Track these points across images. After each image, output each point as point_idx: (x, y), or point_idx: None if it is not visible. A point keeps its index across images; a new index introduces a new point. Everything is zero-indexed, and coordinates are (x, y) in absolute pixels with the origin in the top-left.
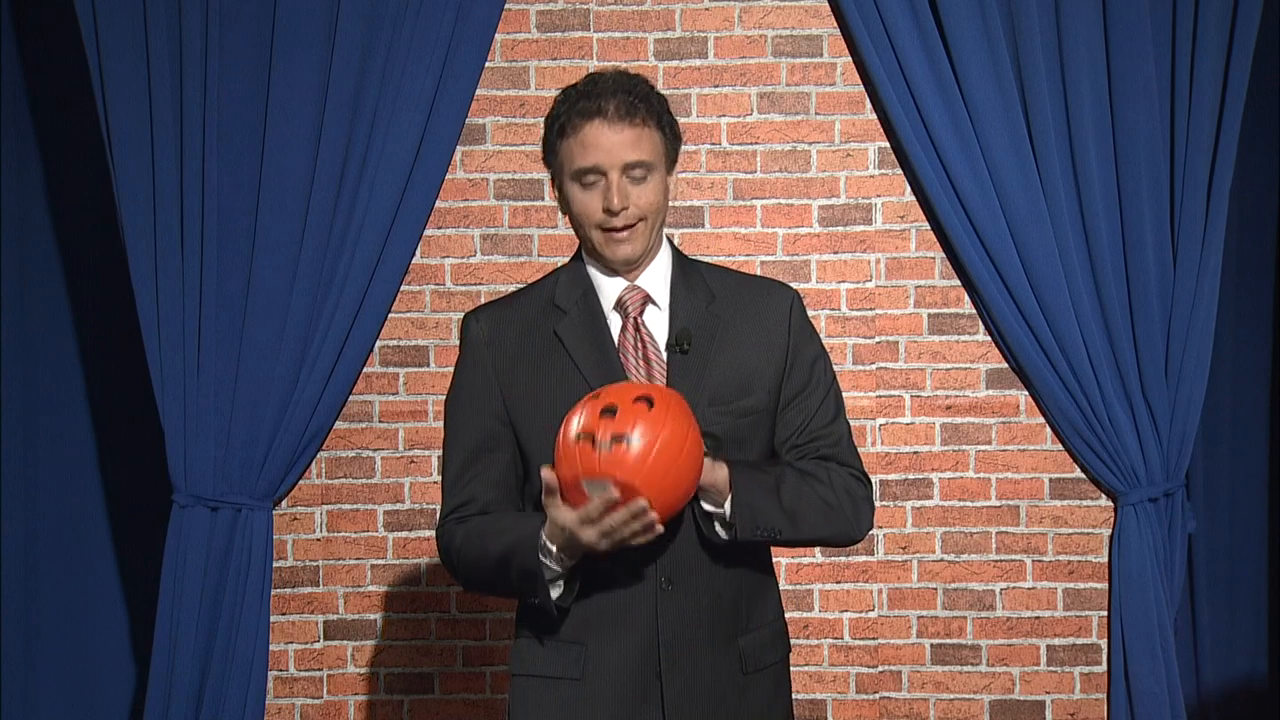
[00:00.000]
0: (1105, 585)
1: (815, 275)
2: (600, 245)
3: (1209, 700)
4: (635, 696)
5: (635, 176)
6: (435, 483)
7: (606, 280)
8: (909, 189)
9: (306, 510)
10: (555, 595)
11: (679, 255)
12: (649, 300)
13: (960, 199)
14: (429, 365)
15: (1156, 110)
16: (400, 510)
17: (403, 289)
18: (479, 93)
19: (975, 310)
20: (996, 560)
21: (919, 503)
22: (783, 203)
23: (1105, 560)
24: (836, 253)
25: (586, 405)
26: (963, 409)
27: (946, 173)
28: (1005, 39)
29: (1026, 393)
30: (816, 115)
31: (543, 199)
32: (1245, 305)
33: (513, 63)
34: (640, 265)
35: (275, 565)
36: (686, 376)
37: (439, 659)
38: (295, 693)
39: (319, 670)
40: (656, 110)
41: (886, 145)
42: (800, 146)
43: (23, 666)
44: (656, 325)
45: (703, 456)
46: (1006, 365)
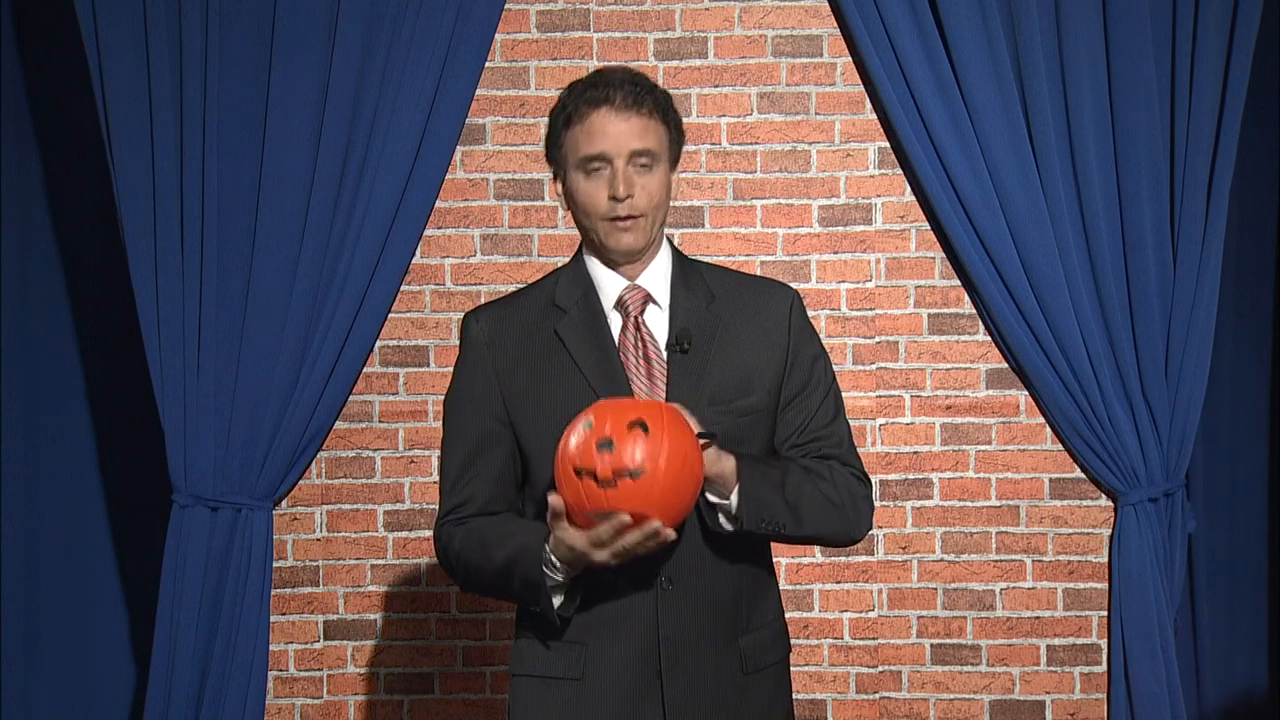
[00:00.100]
0: (1105, 585)
1: (815, 275)
2: (604, 236)
3: (1208, 700)
4: (635, 696)
5: (641, 165)
6: (435, 483)
7: (607, 279)
8: (909, 189)
9: (306, 510)
10: (557, 604)
11: (679, 255)
12: (649, 299)
13: (960, 199)
14: (429, 365)
15: (1156, 110)
16: (400, 510)
17: (403, 289)
18: (479, 93)
19: (975, 310)
20: (996, 560)
21: (919, 503)
22: (783, 203)
23: (1105, 560)
24: (836, 253)
25: (582, 438)
26: (963, 409)
27: (946, 173)
28: (1005, 39)
29: (1026, 393)
30: (816, 115)
31: (543, 199)
32: (1245, 305)
33: (513, 63)
34: (641, 262)
35: (275, 565)
36: (686, 376)
37: (439, 659)
38: (295, 693)
39: (319, 670)
40: (662, 105)
41: (886, 145)
42: (800, 146)
43: (23, 666)
44: (657, 325)
45: (703, 459)
46: (1006, 365)
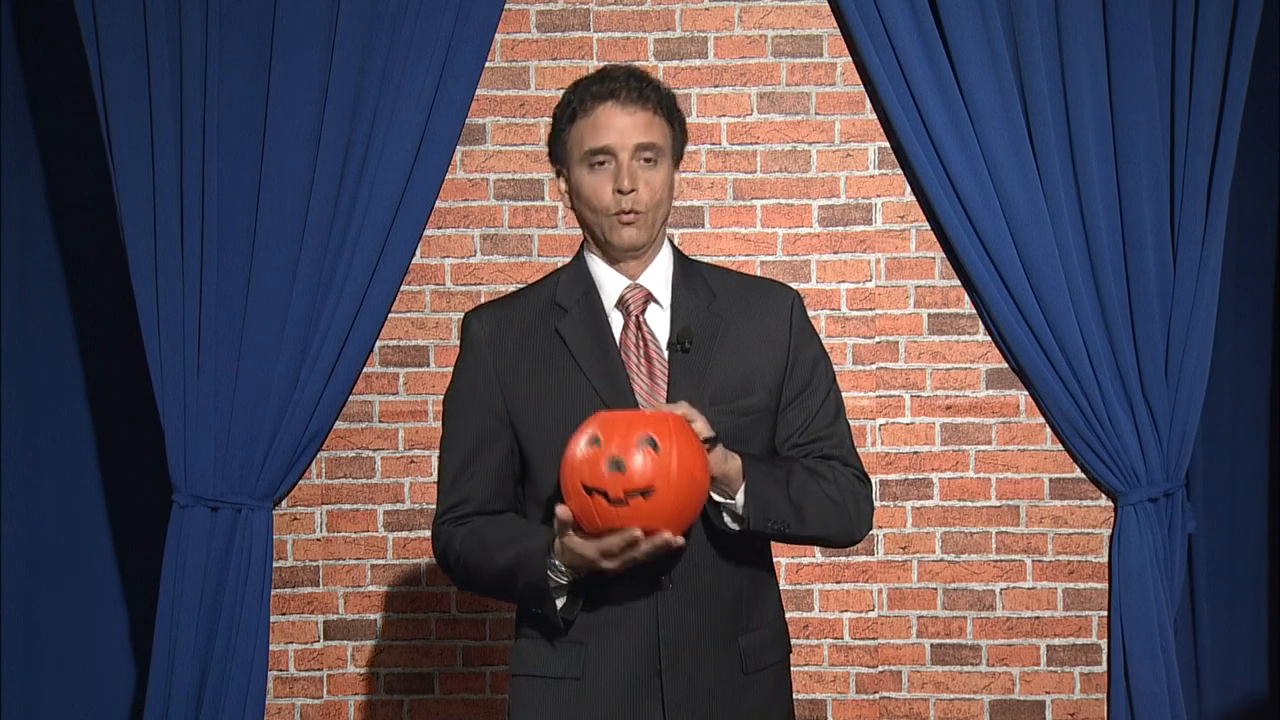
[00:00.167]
0: (1105, 585)
1: (815, 275)
2: (607, 231)
3: (1208, 700)
4: (636, 696)
5: (645, 160)
6: (435, 483)
7: (609, 279)
8: (909, 189)
9: (306, 510)
10: (560, 606)
11: (680, 255)
12: (651, 299)
13: (960, 199)
14: (429, 365)
15: (1156, 110)
16: (400, 510)
17: (403, 289)
18: (479, 93)
19: (975, 310)
20: (996, 560)
21: (919, 503)
22: (783, 203)
23: (1105, 560)
24: (836, 253)
25: (591, 455)
26: (963, 409)
27: (946, 173)
28: (1005, 39)
29: (1026, 393)
30: (816, 115)
31: (543, 199)
32: (1245, 305)
33: (513, 63)
34: (643, 261)
35: (275, 565)
36: (688, 375)
37: (439, 659)
38: (295, 693)
39: (319, 670)
40: (667, 102)
41: (886, 145)
42: (800, 146)
43: (23, 666)
44: (658, 324)
45: (709, 464)
46: (1006, 365)
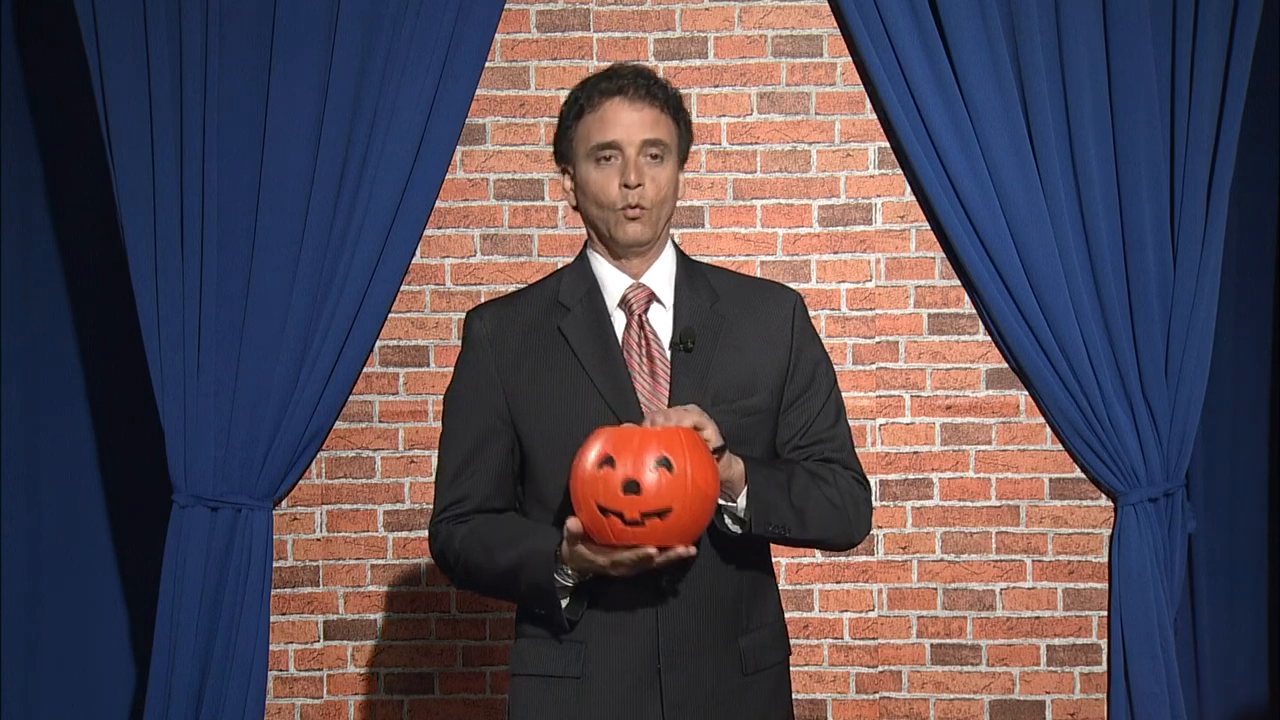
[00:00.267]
0: (1105, 585)
1: (815, 275)
2: (612, 226)
3: (1208, 700)
4: (636, 696)
5: (652, 156)
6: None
7: (611, 278)
8: (909, 189)
9: (306, 510)
10: (564, 607)
11: (683, 256)
12: (654, 298)
13: (960, 199)
14: (429, 365)
15: (1156, 110)
16: (400, 510)
17: (403, 289)
18: (479, 93)
19: (975, 310)
20: (996, 560)
21: (919, 503)
22: (783, 203)
23: (1105, 560)
24: (836, 253)
25: (603, 475)
26: (963, 409)
27: (946, 173)
28: (1005, 39)
29: (1026, 393)
30: (816, 115)
31: (543, 199)
32: (1245, 305)
33: (513, 63)
34: (646, 260)
35: (275, 565)
36: (690, 375)
37: (439, 659)
38: (295, 693)
39: (319, 670)
40: (674, 102)
41: (886, 145)
42: (800, 146)
43: (23, 666)
44: (660, 324)
45: (719, 475)
46: (1006, 365)
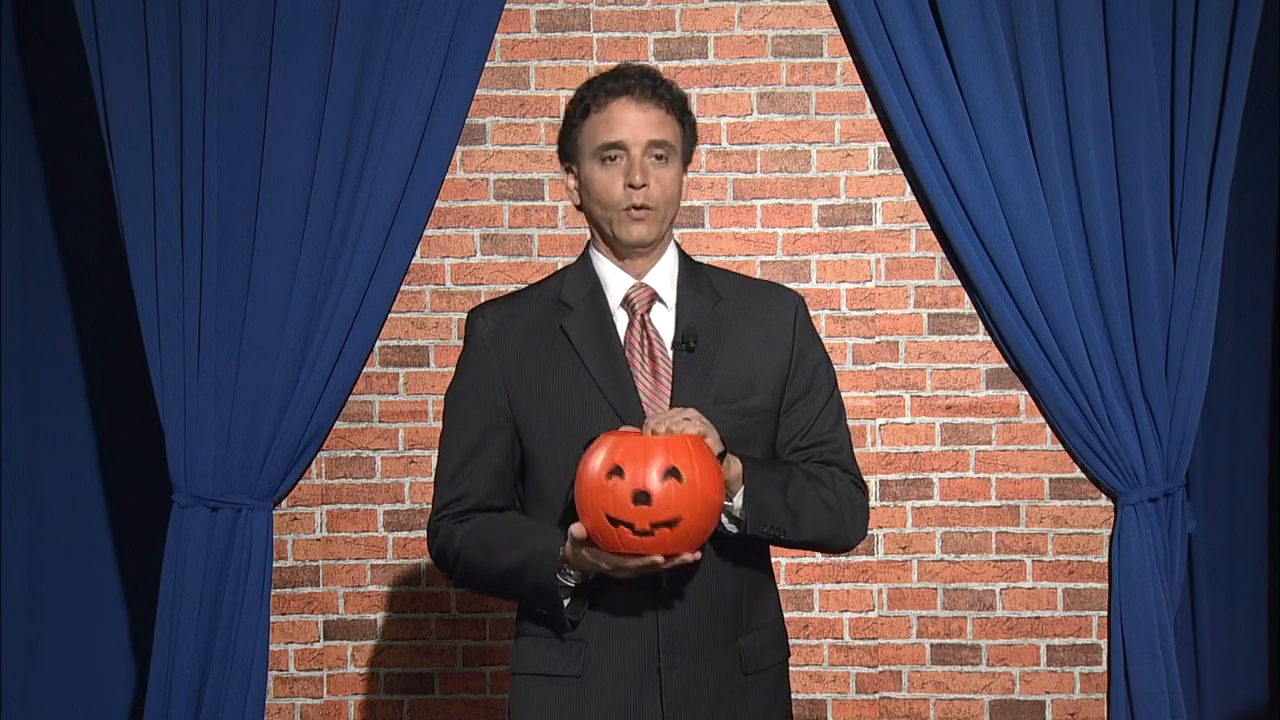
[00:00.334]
0: (1105, 585)
1: (815, 275)
2: (617, 226)
3: (1208, 700)
4: (636, 694)
5: (657, 157)
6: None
7: (614, 278)
8: (909, 189)
9: (306, 510)
10: (566, 607)
11: (685, 256)
12: (656, 298)
13: (960, 199)
14: (429, 365)
15: (1156, 110)
16: (400, 510)
17: (403, 289)
18: (479, 93)
19: (975, 310)
20: (996, 560)
21: (919, 503)
22: (783, 203)
23: (1105, 560)
24: (836, 253)
25: (611, 485)
26: (963, 409)
27: (946, 173)
28: (1005, 39)
29: (1026, 393)
30: (816, 115)
31: (543, 199)
32: (1245, 305)
33: (513, 63)
34: (648, 260)
35: (275, 565)
36: (692, 374)
37: (439, 659)
38: (295, 693)
39: (319, 670)
40: (680, 103)
41: (886, 145)
42: (800, 146)
43: (23, 666)
44: (663, 324)
45: (723, 478)
46: (1006, 365)
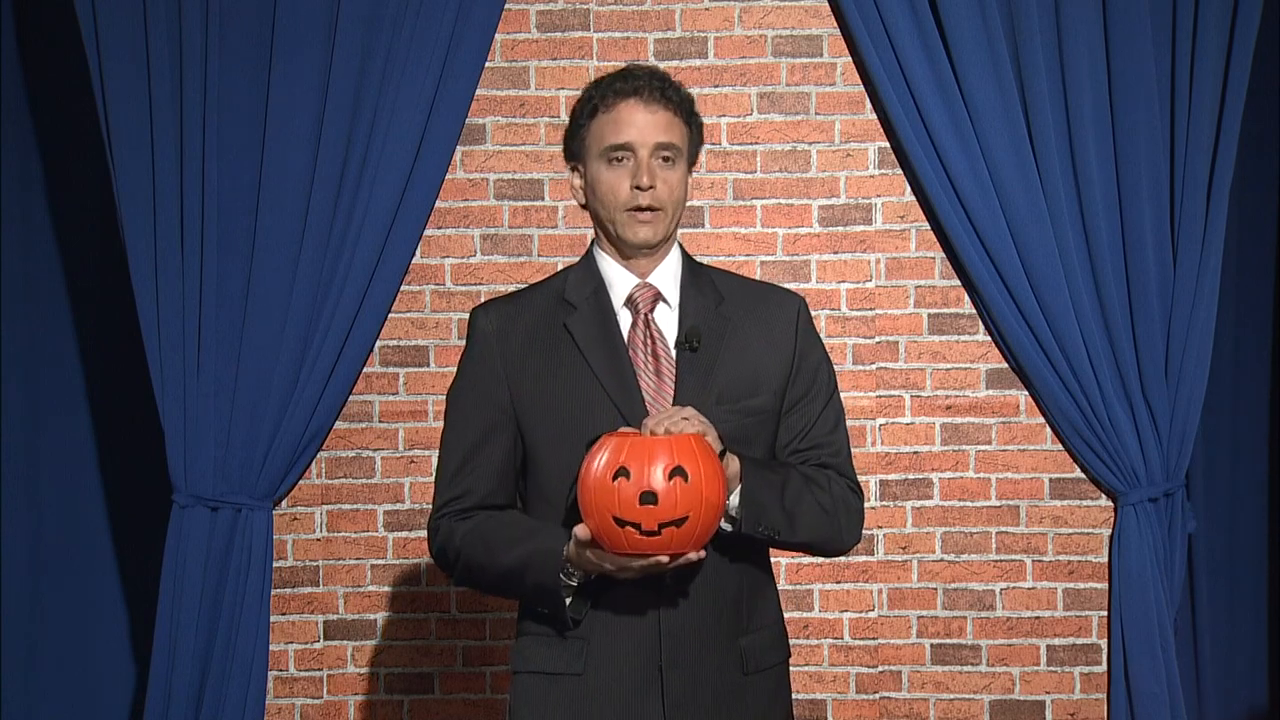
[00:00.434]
0: (1105, 585)
1: (815, 275)
2: (622, 227)
3: (1208, 700)
4: (637, 692)
5: (664, 159)
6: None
7: (618, 277)
8: (909, 189)
9: (306, 510)
10: (568, 605)
11: (688, 257)
12: (660, 298)
13: (960, 199)
14: (429, 365)
15: (1156, 110)
16: (400, 510)
17: (403, 289)
18: (479, 93)
19: (975, 310)
20: (996, 560)
21: (919, 503)
22: (783, 203)
23: (1105, 560)
24: (836, 253)
25: (617, 486)
26: (963, 409)
27: (946, 173)
28: (1005, 39)
29: (1026, 393)
30: (816, 115)
31: (543, 199)
32: (1245, 305)
33: (513, 63)
34: (653, 260)
35: (275, 565)
36: (695, 374)
37: (439, 659)
38: (295, 693)
39: (319, 670)
40: (687, 105)
41: (886, 145)
42: (800, 146)
43: (23, 666)
44: (666, 323)
45: (725, 474)
46: (1006, 365)
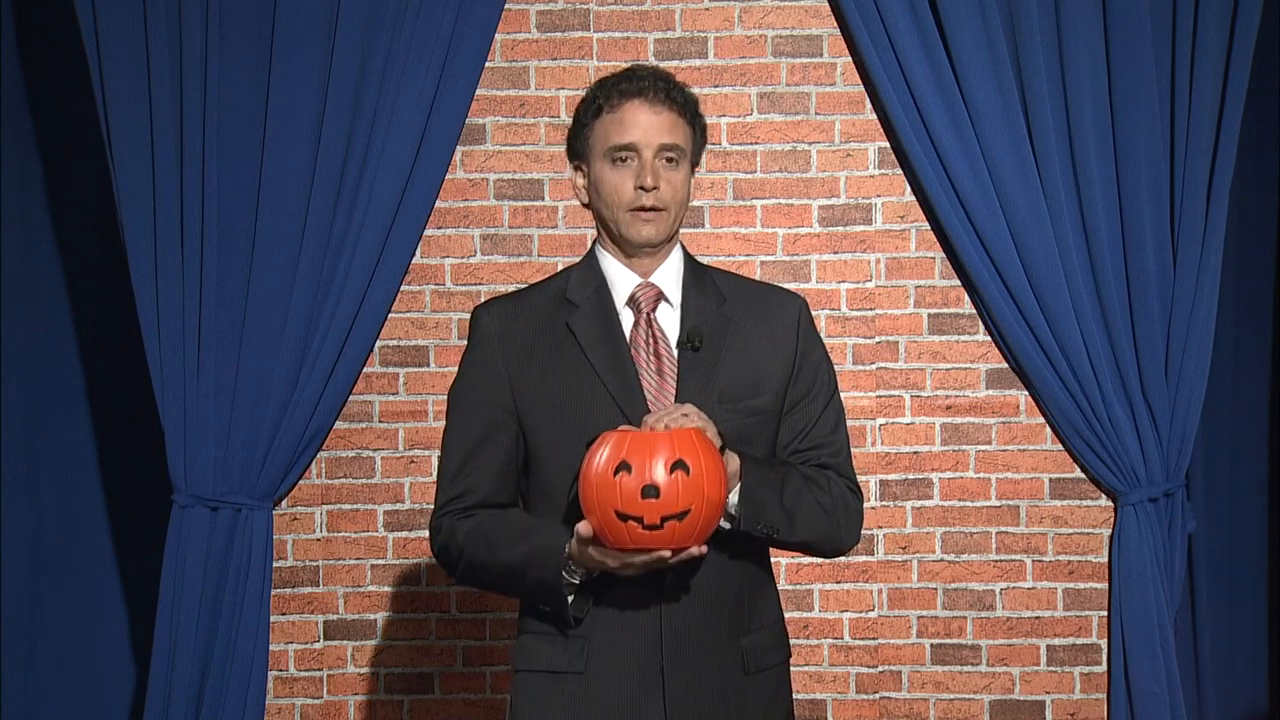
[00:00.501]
0: (1105, 585)
1: (815, 275)
2: (625, 227)
3: (1208, 700)
4: (639, 691)
5: (668, 159)
6: (435, 481)
7: (620, 276)
8: (909, 189)
9: (306, 510)
10: (570, 603)
11: (690, 257)
12: (662, 297)
13: (960, 199)
14: (429, 365)
15: (1156, 110)
16: (400, 510)
17: (403, 289)
18: (479, 93)
19: (975, 310)
20: (996, 560)
21: (919, 503)
22: (783, 203)
23: (1105, 560)
24: (836, 253)
25: (619, 480)
26: (963, 409)
27: (946, 173)
28: (1005, 39)
29: (1026, 393)
30: (816, 115)
31: (543, 199)
32: (1245, 305)
33: (513, 63)
34: (655, 260)
35: (275, 565)
36: (696, 373)
37: (439, 659)
38: (295, 693)
39: (319, 670)
40: (691, 106)
41: (886, 145)
42: (800, 146)
43: (23, 666)
44: (668, 322)
45: (726, 470)
46: (1006, 365)
